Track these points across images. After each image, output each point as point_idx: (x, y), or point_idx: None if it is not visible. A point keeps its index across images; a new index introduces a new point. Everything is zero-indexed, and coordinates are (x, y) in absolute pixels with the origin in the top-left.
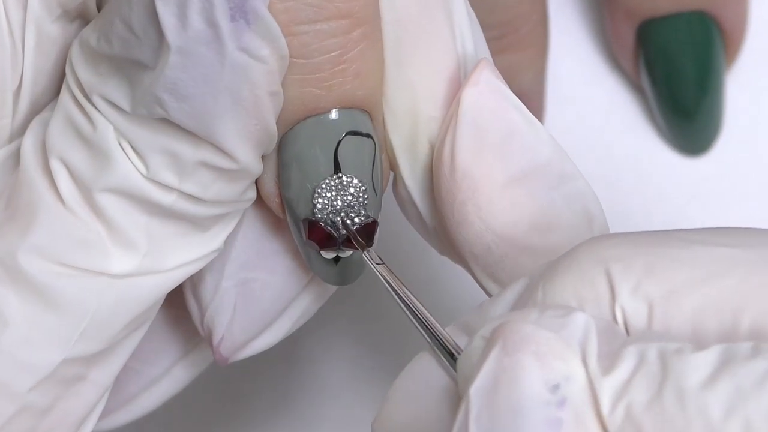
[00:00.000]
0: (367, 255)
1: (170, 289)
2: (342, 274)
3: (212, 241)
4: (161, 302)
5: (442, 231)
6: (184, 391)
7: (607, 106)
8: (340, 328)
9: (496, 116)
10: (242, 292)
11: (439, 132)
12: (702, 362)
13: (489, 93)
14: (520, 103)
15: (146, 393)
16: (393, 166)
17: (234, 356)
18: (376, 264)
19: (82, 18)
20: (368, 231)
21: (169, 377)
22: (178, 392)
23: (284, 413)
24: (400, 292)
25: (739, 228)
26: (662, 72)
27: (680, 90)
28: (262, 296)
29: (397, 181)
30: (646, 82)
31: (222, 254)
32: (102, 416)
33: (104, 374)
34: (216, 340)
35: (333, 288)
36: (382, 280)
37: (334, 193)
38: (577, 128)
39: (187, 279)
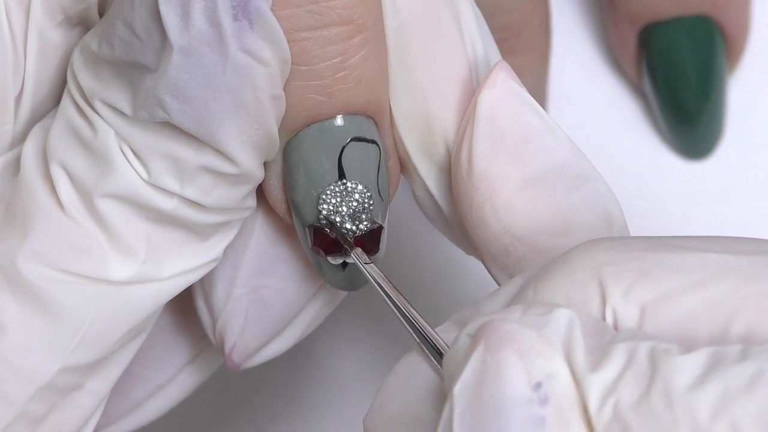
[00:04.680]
0: (355, 255)
1: (168, 299)
2: (350, 279)
3: (211, 250)
4: (158, 313)
5: (465, 231)
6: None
7: (608, 110)
8: (345, 327)
9: (512, 118)
10: (254, 299)
11: (456, 134)
12: (691, 363)
13: (506, 95)
14: (538, 105)
15: (152, 399)
16: (406, 170)
17: (246, 363)
18: (365, 263)
19: (84, 24)
20: (373, 237)
21: (175, 383)
22: (184, 398)
23: (288, 412)
24: (389, 291)
25: (732, 237)
26: (664, 76)
27: (682, 94)
28: (274, 303)
29: (415, 183)
30: (648, 86)
31: (234, 262)
32: (108, 423)
33: (101, 384)
34: (228, 347)
35: (343, 293)
36: (371, 279)
37: (338, 200)
38: (578, 131)
39: (198, 287)
